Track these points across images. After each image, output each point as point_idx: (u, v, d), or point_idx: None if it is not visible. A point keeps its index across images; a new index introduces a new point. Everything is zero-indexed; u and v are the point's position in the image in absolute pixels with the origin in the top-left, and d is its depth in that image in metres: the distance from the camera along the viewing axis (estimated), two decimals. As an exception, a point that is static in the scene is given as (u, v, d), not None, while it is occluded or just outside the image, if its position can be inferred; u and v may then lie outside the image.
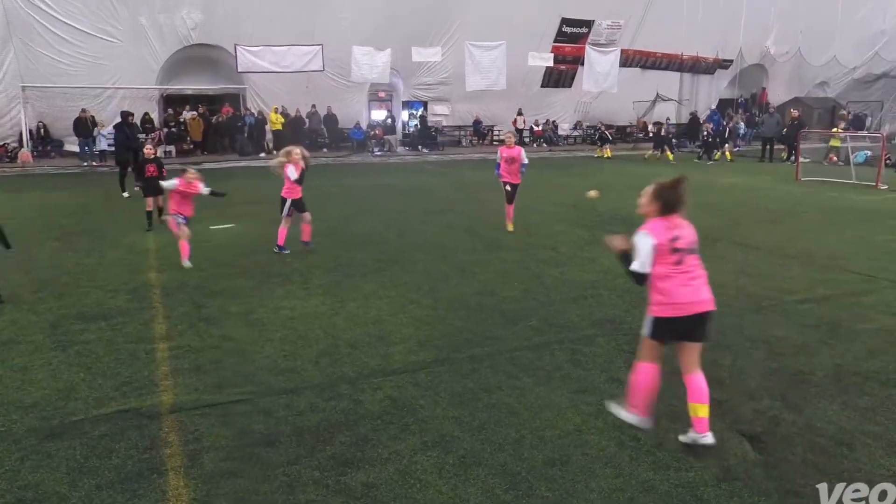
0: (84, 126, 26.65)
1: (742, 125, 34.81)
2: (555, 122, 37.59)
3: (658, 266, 4.85)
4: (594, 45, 35.22)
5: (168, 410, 5.61)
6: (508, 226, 13.01)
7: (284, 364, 6.56)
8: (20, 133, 27.48)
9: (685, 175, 4.98)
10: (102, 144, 27.32)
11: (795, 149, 25.16)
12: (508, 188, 13.01)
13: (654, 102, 38.98)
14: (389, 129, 33.15)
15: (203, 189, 10.63)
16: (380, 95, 34.54)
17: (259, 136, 30.13)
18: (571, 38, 35.39)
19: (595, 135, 34.97)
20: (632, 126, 36.11)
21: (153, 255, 11.16)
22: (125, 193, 17.71)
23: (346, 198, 17.29)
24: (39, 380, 6.23)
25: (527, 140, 36.25)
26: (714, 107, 39.94)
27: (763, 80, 42.31)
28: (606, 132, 32.95)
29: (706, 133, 29.90)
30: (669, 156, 28.79)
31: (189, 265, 10.24)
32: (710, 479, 4.63)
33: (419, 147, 33.18)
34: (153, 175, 13.20)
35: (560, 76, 36.59)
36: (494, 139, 36.67)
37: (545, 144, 35.85)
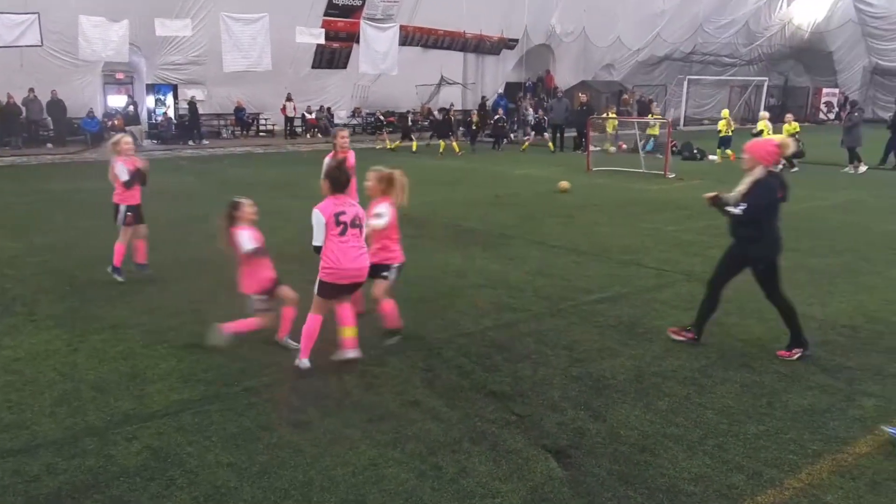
0: None
1: (531, 111, 36.80)
2: (330, 110, 37.64)
3: (327, 238, 6.66)
4: (370, 21, 35.69)
5: None
6: None
7: (9, 418, 6.03)
8: None
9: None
10: None
11: (585, 136, 27.03)
12: None
13: (439, 86, 40.21)
14: (132, 119, 31.37)
15: None
16: (118, 77, 32.75)
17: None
18: (344, 12, 35.59)
19: (377, 123, 35.45)
20: (415, 113, 37.02)
21: None
22: None
23: (83, 204, 16.20)
24: None
25: (299, 130, 36.03)
26: (501, 91, 41.92)
27: (550, 62, 45.07)
28: (384, 119, 33.57)
29: (499, 120, 31.39)
30: (455, 146, 29.63)
31: None
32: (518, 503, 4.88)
33: (187, 140, 31.92)
34: None
35: (333, 56, 36.73)
36: (261, 129, 36.10)
37: (320, 135, 35.81)
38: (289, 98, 35.29)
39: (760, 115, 26.76)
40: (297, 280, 8.22)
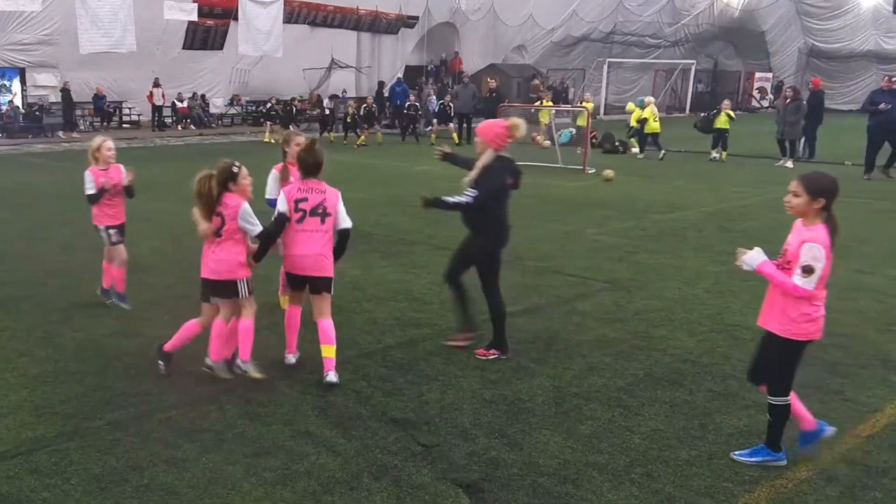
0: None
1: (434, 99, 36.93)
2: (204, 97, 37.04)
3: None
4: (250, -6, 35.31)
5: None
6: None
7: None
8: None
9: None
10: None
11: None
12: None
13: (330, 70, 40.05)
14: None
15: None
16: (-49, 60, 31.57)
17: None
18: (220, -15, 35.15)
19: (263, 111, 34.95)
20: (301, 100, 36.68)
21: None
22: None
23: None
24: None
25: (168, 121, 35.34)
26: (401, 75, 41.98)
27: (455, 43, 45.39)
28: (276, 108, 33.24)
29: (410, 107, 31.51)
30: (361, 139, 29.69)
31: None
32: (426, 547, 4.91)
33: (55, 132, 31.02)
34: None
35: (208, 35, 36.20)
36: (125, 120, 35.25)
37: (193, 126, 35.21)
38: (156, 84, 34.47)
39: (646, 101, 27.36)
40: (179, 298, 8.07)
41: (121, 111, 35.56)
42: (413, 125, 31.99)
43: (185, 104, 36.00)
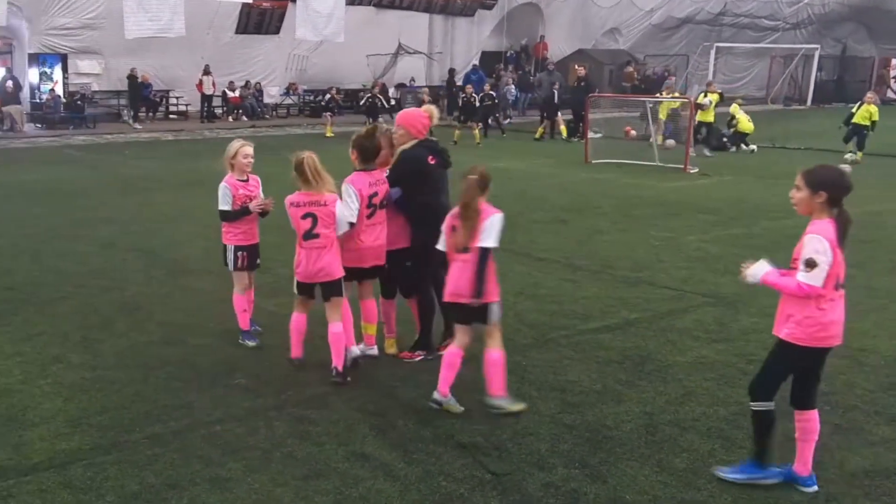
0: None
1: (513, 88, 36.76)
2: (258, 86, 37.46)
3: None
4: (310, -26, 35.66)
5: None
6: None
7: None
8: None
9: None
10: None
11: (584, 119, 27.15)
12: None
13: (396, 56, 40.13)
14: (11, 98, 31.17)
15: None
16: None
17: None
18: (277, -36, 35.61)
19: (322, 102, 35.14)
20: (367, 90, 36.90)
21: None
22: None
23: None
24: None
25: (219, 112, 35.86)
26: (476, 63, 41.86)
27: (539, 27, 45.14)
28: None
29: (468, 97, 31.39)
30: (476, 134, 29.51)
31: None
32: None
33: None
34: None
35: (263, 18, 36.62)
36: (172, 111, 35.85)
37: (245, 117, 35.71)
38: (206, 71, 35.07)
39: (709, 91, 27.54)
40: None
41: (167, 101, 36.20)
42: (494, 115, 31.77)
43: (237, 93, 36.43)
